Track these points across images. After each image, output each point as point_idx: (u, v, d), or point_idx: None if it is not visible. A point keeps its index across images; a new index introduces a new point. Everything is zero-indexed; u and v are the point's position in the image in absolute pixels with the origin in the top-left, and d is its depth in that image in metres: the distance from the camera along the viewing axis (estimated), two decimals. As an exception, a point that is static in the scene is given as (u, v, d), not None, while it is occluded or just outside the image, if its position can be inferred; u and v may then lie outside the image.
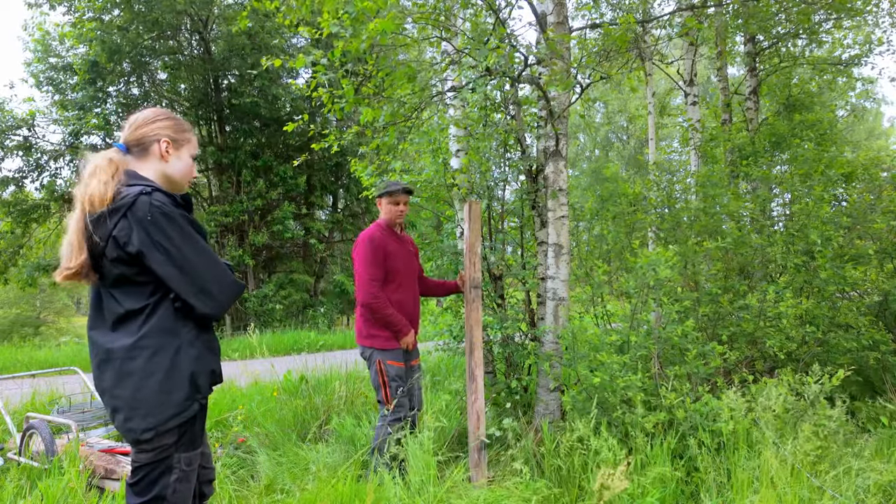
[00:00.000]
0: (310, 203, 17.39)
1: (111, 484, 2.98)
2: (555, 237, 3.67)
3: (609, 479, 2.47)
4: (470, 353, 3.04)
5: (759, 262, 4.21)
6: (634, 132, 27.27)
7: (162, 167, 1.73)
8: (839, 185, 4.87)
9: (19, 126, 13.22)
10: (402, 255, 3.19)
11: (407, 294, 3.20)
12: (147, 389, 1.54)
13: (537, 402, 3.64)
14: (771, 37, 7.75)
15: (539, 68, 3.80)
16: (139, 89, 15.08)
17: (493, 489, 2.74)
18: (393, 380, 3.09)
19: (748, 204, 4.65)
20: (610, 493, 2.46)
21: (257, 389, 5.21)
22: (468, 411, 3.05)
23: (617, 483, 2.44)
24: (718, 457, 2.72)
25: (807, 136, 6.53)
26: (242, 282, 1.72)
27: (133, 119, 1.74)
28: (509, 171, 4.45)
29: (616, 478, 2.45)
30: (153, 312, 1.57)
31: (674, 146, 21.84)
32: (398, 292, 3.14)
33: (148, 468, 1.59)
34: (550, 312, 3.63)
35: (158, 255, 1.52)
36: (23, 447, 3.50)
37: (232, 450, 3.58)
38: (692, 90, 8.13)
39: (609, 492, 2.46)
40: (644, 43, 8.94)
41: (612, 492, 2.45)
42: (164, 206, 1.54)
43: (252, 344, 7.56)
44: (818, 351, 3.73)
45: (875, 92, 17.98)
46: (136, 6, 12.73)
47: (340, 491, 2.71)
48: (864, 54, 9.51)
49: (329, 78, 3.54)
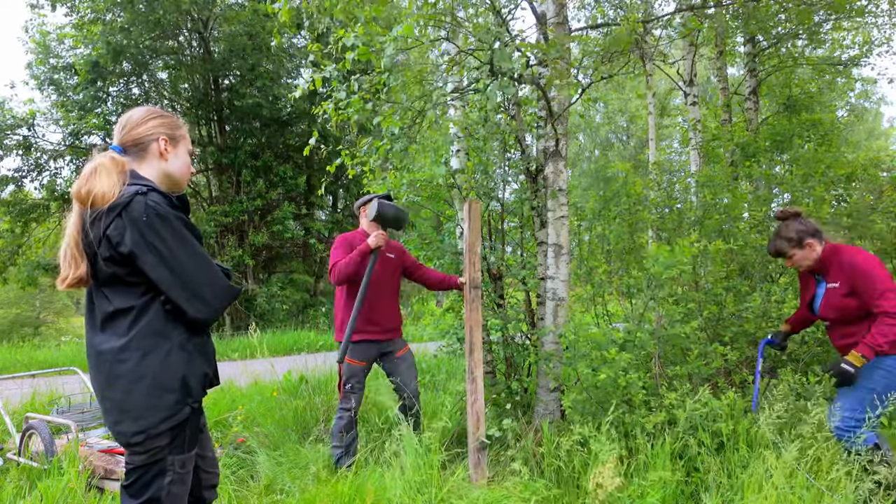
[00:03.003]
0: (310, 203, 17.40)
1: (111, 484, 2.98)
2: (554, 237, 3.67)
3: (600, 476, 2.47)
4: (470, 353, 3.04)
5: (759, 262, 4.20)
6: (635, 132, 27.27)
7: (162, 166, 1.71)
8: (839, 185, 4.87)
9: (19, 125, 13.22)
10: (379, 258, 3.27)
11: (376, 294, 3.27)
12: (137, 393, 1.52)
13: (537, 403, 3.64)
14: (771, 37, 7.74)
15: (539, 68, 3.80)
16: (139, 89, 15.09)
17: (492, 489, 2.74)
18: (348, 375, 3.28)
19: (749, 205, 4.64)
20: (604, 491, 2.45)
21: (257, 389, 5.21)
22: (468, 412, 3.05)
23: (609, 481, 2.44)
24: (718, 457, 2.71)
25: (808, 136, 6.52)
26: (237, 286, 1.70)
27: (125, 120, 1.70)
28: (509, 171, 4.44)
29: (607, 475, 2.45)
30: (142, 314, 1.54)
31: (674, 146, 21.83)
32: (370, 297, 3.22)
33: (141, 470, 1.57)
34: (550, 312, 3.63)
35: (151, 257, 1.50)
36: (22, 447, 3.50)
37: (232, 450, 3.58)
38: (692, 90, 8.12)
39: (602, 490, 2.46)
40: (645, 43, 8.94)
41: (605, 490, 2.45)
42: (159, 207, 1.52)
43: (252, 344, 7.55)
44: (818, 351, 3.73)
45: (874, 92, 18.00)
46: (139, 6, 12.73)
47: (340, 490, 2.71)
48: (863, 55, 9.50)
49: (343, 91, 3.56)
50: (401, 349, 3.43)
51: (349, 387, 3.28)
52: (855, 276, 2.52)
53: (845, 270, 2.57)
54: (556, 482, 2.81)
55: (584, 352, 3.14)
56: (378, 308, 3.31)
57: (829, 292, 2.65)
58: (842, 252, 2.62)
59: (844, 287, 2.57)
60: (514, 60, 3.10)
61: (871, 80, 11.79)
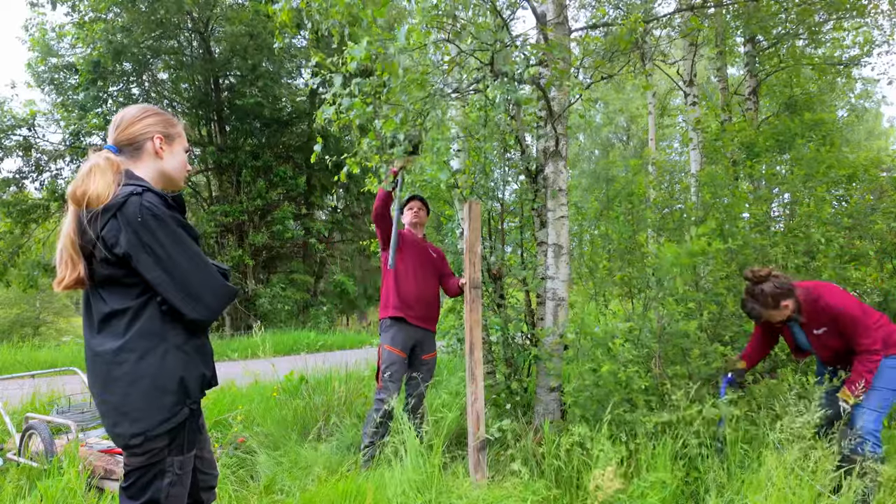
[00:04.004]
0: (310, 203, 17.41)
1: (110, 484, 2.97)
2: (555, 237, 3.67)
3: (601, 478, 2.46)
4: (470, 353, 3.04)
5: (759, 262, 4.20)
6: (636, 133, 27.26)
7: (158, 165, 1.69)
8: (841, 185, 4.87)
9: (19, 126, 13.22)
10: (418, 248, 3.60)
11: (415, 279, 3.51)
12: (135, 395, 1.50)
13: (537, 403, 3.64)
14: (771, 37, 7.74)
15: (539, 69, 3.79)
16: (139, 89, 15.09)
17: (492, 489, 2.74)
18: (387, 363, 3.39)
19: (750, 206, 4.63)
20: (603, 493, 2.45)
21: (257, 389, 5.21)
22: (468, 412, 3.05)
23: (609, 483, 2.44)
24: (718, 457, 2.71)
25: (810, 136, 6.51)
26: (235, 286, 1.67)
27: (119, 118, 1.68)
28: (509, 171, 4.44)
29: (607, 478, 2.45)
30: (139, 315, 1.53)
31: (674, 146, 21.81)
32: (407, 276, 3.49)
33: (140, 472, 1.56)
34: (550, 312, 3.62)
35: (147, 257, 1.48)
36: (22, 447, 3.50)
37: (231, 450, 3.58)
38: (692, 90, 8.12)
39: (602, 492, 2.45)
40: (645, 43, 8.94)
41: (605, 492, 2.45)
42: (154, 208, 1.50)
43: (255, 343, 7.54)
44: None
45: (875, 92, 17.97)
46: (140, 5, 12.74)
47: (341, 490, 2.71)
48: (864, 54, 9.49)
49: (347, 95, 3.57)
50: (429, 353, 3.59)
51: (388, 375, 3.36)
52: (836, 318, 2.68)
53: (827, 314, 2.70)
54: (555, 482, 2.80)
55: (586, 349, 3.14)
56: (417, 295, 3.49)
57: (821, 337, 2.77)
58: (817, 299, 2.72)
59: (832, 329, 2.72)
60: (515, 62, 3.11)
61: (873, 81, 11.78)
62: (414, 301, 3.47)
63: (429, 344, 3.59)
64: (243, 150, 15.57)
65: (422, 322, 3.51)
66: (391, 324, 3.44)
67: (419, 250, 3.61)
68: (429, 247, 3.73)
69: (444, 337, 4.99)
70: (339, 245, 18.73)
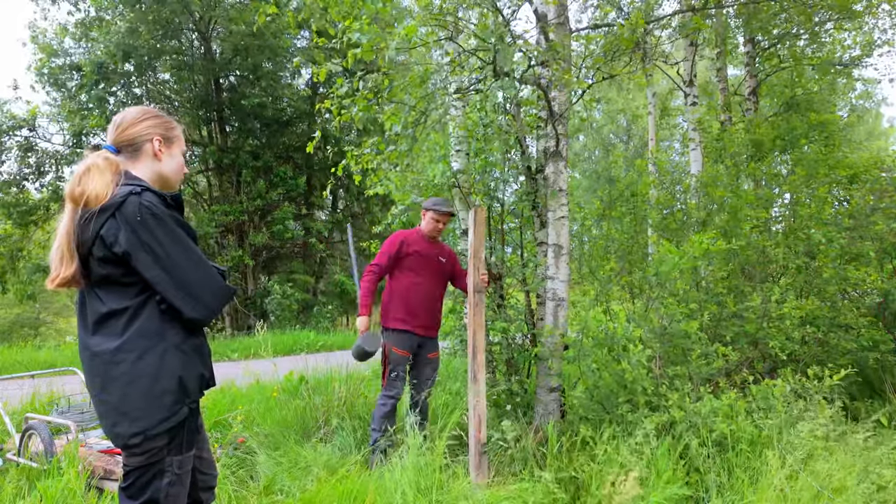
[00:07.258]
0: (310, 203, 17.41)
1: (110, 484, 2.97)
2: (555, 237, 3.67)
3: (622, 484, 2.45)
4: (473, 356, 3.04)
5: (760, 262, 4.20)
6: (636, 133, 27.25)
7: (156, 166, 1.69)
8: (843, 185, 4.86)
9: (20, 126, 13.22)
10: (428, 257, 3.66)
11: (420, 290, 3.61)
12: (134, 395, 1.50)
13: (537, 403, 3.63)
14: (772, 38, 7.74)
15: (540, 69, 3.79)
16: (141, 89, 15.09)
17: (493, 490, 2.73)
18: (393, 364, 3.54)
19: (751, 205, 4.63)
20: (621, 497, 2.43)
21: (257, 389, 5.20)
22: (469, 413, 3.05)
23: (629, 489, 2.42)
24: (719, 457, 2.71)
25: (813, 136, 6.51)
26: (233, 286, 1.68)
27: (119, 119, 1.68)
28: (509, 171, 4.43)
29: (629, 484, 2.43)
30: (137, 314, 1.53)
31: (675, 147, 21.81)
32: (413, 288, 3.60)
33: (139, 472, 1.56)
34: (550, 313, 3.62)
35: (146, 256, 1.48)
36: (22, 448, 3.49)
37: (231, 450, 3.57)
38: (692, 91, 8.12)
39: (620, 496, 2.43)
40: (646, 43, 8.93)
41: (623, 496, 2.43)
42: (153, 207, 1.50)
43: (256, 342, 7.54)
44: (818, 351, 3.72)
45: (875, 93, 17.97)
46: (143, 5, 12.74)
47: (341, 490, 2.71)
48: (865, 55, 9.49)
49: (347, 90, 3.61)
50: (433, 352, 3.72)
51: (394, 375, 3.54)
52: None
53: None
54: (556, 482, 2.80)
55: (588, 350, 3.14)
56: (422, 306, 3.61)
57: None
58: None
59: None
60: (517, 61, 3.11)
61: (873, 81, 11.76)
62: (421, 312, 3.61)
63: (432, 345, 3.73)
64: (244, 151, 15.57)
65: (426, 331, 3.65)
66: (397, 331, 3.58)
67: (429, 261, 3.67)
68: (440, 252, 3.77)
69: (447, 338, 4.99)
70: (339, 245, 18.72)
